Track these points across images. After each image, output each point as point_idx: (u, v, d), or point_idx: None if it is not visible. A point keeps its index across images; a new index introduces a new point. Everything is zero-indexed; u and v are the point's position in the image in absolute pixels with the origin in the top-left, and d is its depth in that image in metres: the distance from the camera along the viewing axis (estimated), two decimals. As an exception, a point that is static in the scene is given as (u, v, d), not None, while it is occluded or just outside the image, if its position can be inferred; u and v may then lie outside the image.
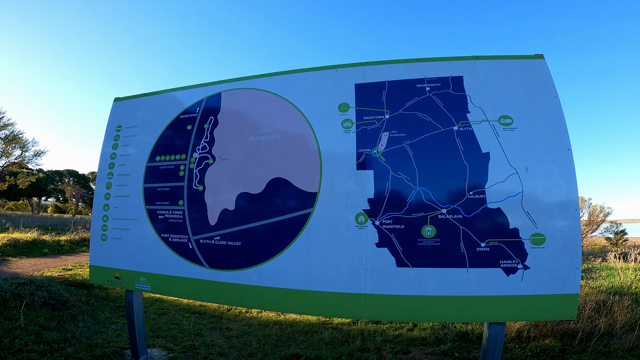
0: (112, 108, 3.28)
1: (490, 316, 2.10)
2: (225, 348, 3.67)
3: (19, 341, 3.22)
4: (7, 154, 13.10)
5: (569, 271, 2.04)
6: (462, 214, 2.14)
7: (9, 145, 12.85)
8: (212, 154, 2.73)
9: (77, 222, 16.69)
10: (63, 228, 14.94)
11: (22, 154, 13.41)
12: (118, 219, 2.98)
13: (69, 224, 16.13)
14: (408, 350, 3.55)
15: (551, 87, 2.19)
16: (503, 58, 2.30)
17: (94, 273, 3.07)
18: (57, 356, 3.01)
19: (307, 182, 2.43)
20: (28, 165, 14.66)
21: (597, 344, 3.23)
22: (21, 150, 13.30)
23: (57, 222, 18.43)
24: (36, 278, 5.12)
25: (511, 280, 2.07)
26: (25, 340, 3.25)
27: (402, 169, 2.27)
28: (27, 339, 3.30)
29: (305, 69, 2.70)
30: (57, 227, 15.41)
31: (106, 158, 3.14)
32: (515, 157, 2.13)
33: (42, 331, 3.57)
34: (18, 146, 13.07)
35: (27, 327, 3.61)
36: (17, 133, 13.10)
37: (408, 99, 2.36)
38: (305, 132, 2.51)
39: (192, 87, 3.00)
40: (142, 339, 3.15)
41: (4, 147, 12.90)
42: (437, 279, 2.15)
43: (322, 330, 4.25)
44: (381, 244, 2.24)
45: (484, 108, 2.22)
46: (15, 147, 13.05)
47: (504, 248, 2.08)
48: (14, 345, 3.14)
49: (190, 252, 2.69)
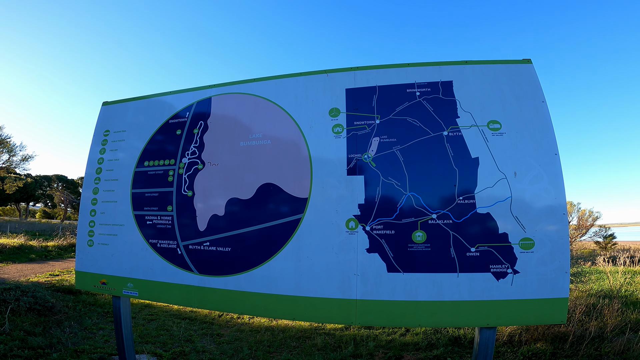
0: (100, 112, 3.23)
1: (481, 321, 2.10)
2: (216, 354, 3.62)
3: (3, 346, 3.15)
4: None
5: (558, 275, 2.04)
6: (452, 219, 2.14)
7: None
8: (202, 159, 2.70)
9: (66, 228, 16.39)
10: (51, 234, 14.65)
11: (9, 158, 13.14)
12: (105, 225, 2.92)
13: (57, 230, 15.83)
14: (401, 356, 3.53)
15: (539, 92, 2.22)
16: (492, 63, 2.32)
17: (80, 279, 3.00)
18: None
19: (298, 187, 2.42)
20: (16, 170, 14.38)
21: (589, 347, 3.25)
22: (8, 155, 13.04)
23: (45, 228, 18.06)
24: (22, 283, 5.00)
25: (501, 284, 2.07)
26: (10, 346, 3.19)
27: (393, 175, 2.26)
28: (11, 344, 3.23)
29: (296, 73, 2.69)
30: (44, 232, 15.10)
31: (93, 163, 3.08)
32: (504, 162, 2.14)
33: (27, 336, 3.49)
34: (5, 150, 12.82)
35: (11, 333, 3.53)
36: (5, 137, 12.85)
37: (398, 103, 2.37)
38: (296, 137, 2.50)
39: (182, 91, 2.97)
40: (130, 345, 3.08)
41: None
42: (427, 284, 2.14)
43: (314, 335, 4.21)
44: (372, 250, 2.23)
45: (473, 113, 2.24)
46: (3, 152, 12.80)
47: (493, 253, 2.08)
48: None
49: (179, 258, 2.65)
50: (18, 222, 19.95)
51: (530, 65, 2.27)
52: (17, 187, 14.54)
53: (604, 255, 6.61)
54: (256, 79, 2.77)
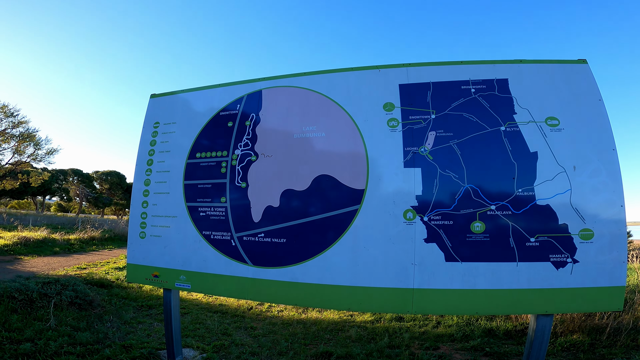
0: (149, 104, 3.30)
1: (540, 308, 2.16)
2: (255, 347, 3.70)
3: (54, 343, 3.19)
4: (20, 152, 13.01)
5: (616, 265, 2.11)
6: (512, 210, 2.20)
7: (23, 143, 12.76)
8: (255, 151, 2.77)
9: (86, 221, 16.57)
10: (71, 227, 14.83)
11: (34, 152, 13.32)
12: (157, 216, 3.00)
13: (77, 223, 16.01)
14: (437, 347, 3.60)
15: (595, 91, 2.27)
16: (547, 62, 2.38)
17: (132, 272, 3.08)
18: (97, 358, 2.99)
19: (354, 179, 2.48)
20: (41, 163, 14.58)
21: (626, 338, 3.31)
22: (34, 149, 13.23)
23: (64, 221, 18.28)
24: (60, 277, 5.10)
25: (560, 273, 2.13)
26: (60, 342, 3.22)
27: (450, 167, 2.32)
28: (60, 340, 3.27)
29: (347, 68, 2.75)
30: (65, 226, 15.30)
31: (144, 154, 3.15)
32: (563, 156, 2.20)
33: (73, 332, 3.55)
34: (32, 144, 12.99)
35: (58, 328, 3.58)
36: (32, 131, 13.02)
37: (453, 99, 2.43)
38: (351, 130, 2.56)
39: (231, 84, 3.03)
40: (178, 339, 3.14)
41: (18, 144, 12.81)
42: (486, 273, 2.21)
43: (347, 328, 4.29)
44: (430, 240, 2.29)
45: (531, 109, 2.29)
46: (29, 145, 12.98)
47: (553, 243, 2.14)
48: (49, 347, 3.11)
49: (233, 250, 2.72)
50: (36, 216, 20.19)
51: (586, 65, 2.33)
52: (42, 180, 14.72)
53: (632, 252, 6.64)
54: (306, 73, 2.83)
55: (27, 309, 3.95)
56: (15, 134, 13.08)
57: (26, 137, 13.09)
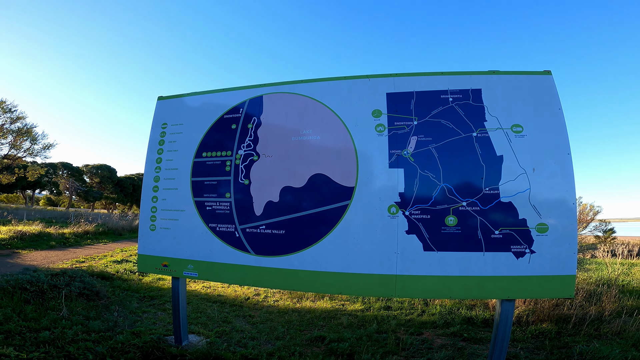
0: (157, 106, 3.57)
1: (503, 293, 2.50)
2: (254, 333, 4.00)
3: (69, 331, 3.40)
4: (17, 147, 13.15)
5: (568, 255, 2.45)
6: (479, 206, 2.53)
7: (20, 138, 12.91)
8: (257, 151, 3.07)
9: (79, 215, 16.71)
10: (64, 221, 14.98)
11: (31, 146, 13.47)
12: (167, 210, 3.29)
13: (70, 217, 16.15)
14: (421, 332, 3.94)
15: (556, 100, 2.61)
16: (516, 73, 2.71)
17: (143, 262, 3.36)
18: (112, 344, 3.23)
19: (345, 177, 2.80)
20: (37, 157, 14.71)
21: (589, 328, 3.68)
22: (31, 144, 13.38)
23: (56, 215, 18.39)
24: (67, 269, 5.35)
25: (520, 262, 2.47)
26: (75, 330, 3.42)
27: (429, 168, 2.65)
28: (75, 328, 3.47)
29: (339, 77, 3.07)
30: (58, 220, 15.44)
31: (153, 152, 3.44)
32: (525, 159, 2.53)
33: (85, 321, 3.77)
34: (29, 139, 13.14)
35: (70, 317, 3.81)
36: (30, 126, 13.17)
37: (433, 107, 2.75)
38: (343, 134, 2.88)
39: (234, 89, 3.33)
40: (185, 325, 3.43)
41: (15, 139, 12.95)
42: (457, 261, 2.54)
43: (339, 315, 4.61)
44: (410, 231, 2.62)
45: (499, 117, 2.63)
46: (26, 140, 13.12)
47: (514, 235, 2.48)
48: (65, 335, 3.31)
49: (237, 240, 3.02)
50: (26, 209, 20.22)
51: (549, 76, 2.66)
52: (39, 174, 14.85)
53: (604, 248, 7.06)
54: (303, 81, 3.14)
55: (39, 300, 4.19)
56: (13, 129, 13.24)
57: (24, 132, 13.27)
